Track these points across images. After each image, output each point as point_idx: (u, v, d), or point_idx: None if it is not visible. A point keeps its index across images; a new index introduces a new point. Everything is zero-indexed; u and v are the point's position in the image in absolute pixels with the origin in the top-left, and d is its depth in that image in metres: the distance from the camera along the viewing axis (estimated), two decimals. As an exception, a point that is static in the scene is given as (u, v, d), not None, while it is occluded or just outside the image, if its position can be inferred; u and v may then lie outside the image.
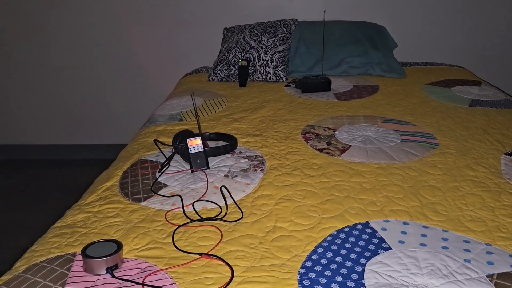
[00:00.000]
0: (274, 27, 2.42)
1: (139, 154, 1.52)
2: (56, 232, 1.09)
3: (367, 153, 1.44)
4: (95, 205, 1.20)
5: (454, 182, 1.25)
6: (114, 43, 2.82)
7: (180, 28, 2.77)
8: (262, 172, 1.34)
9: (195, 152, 1.37)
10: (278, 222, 1.09)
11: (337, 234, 1.03)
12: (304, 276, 0.89)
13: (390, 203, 1.15)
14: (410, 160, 1.39)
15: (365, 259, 0.93)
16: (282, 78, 2.31)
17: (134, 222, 1.11)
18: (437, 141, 1.52)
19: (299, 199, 1.18)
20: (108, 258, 0.90)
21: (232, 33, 2.53)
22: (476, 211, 1.11)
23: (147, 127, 1.80)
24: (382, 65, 2.34)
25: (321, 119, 1.76)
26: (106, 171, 1.46)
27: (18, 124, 3.08)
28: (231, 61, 2.36)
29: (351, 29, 2.47)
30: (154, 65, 2.87)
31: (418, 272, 0.89)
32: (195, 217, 1.12)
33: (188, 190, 1.26)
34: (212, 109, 1.93)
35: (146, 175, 1.36)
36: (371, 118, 1.75)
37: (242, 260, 0.95)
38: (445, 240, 0.99)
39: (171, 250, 0.99)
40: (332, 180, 1.28)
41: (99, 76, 2.92)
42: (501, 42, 2.67)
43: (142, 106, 2.97)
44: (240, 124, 1.74)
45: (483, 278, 0.87)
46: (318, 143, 1.53)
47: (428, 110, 1.83)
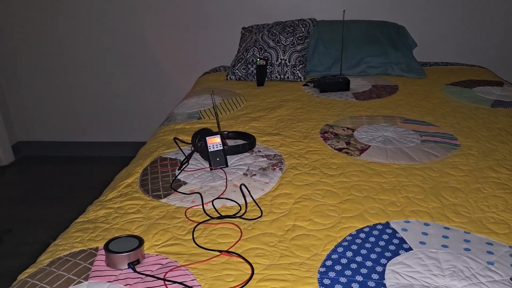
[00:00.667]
0: (293, 27, 2.42)
1: (158, 152, 1.54)
2: (78, 227, 1.11)
3: (386, 153, 1.43)
4: (116, 201, 1.22)
5: (476, 184, 1.23)
6: (135, 43, 2.86)
7: (199, 28, 2.79)
8: (281, 171, 1.34)
9: (214, 150, 1.38)
10: (297, 221, 1.09)
11: (357, 234, 1.02)
12: (324, 275, 0.89)
13: (411, 203, 1.14)
14: (431, 161, 1.37)
15: (386, 259, 0.93)
16: (300, 77, 2.31)
17: (154, 218, 1.12)
18: (458, 142, 1.50)
19: (318, 198, 1.18)
20: (130, 253, 0.92)
21: (250, 32, 2.53)
22: (499, 213, 1.09)
23: (166, 125, 1.82)
24: (402, 65, 2.32)
25: (340, 118, 1.76)
26: (127, 168, 1.48)
27: (41, 121, 3.15)
28: (249, 60, 2.36)
29: (370, 29, 2.45)
30: (173, 64, 2.90)
31: (440, 274, 0.88)
32: (214, 214, 1.12)
33: (207, 188, 1.26)
34: (230, 108, 1.94)
35: (166, 172, 1.38)
36: (390, 118, 1.74)
37: (261, 258, 0.95)
38: (467, 242, 0.98)
39: (191, 247, 1.00)
40: (351, 180, 1.27)
41: (119, 74, 2.96)
42: (524, 42, 2.61)
43: (161, 104, 3.00)
44: (258, 123, 1.75)
45: (507, 281, 0.86)
46: (337, 142, 1.53)
47: (448, 110, 1.81)
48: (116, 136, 3.13)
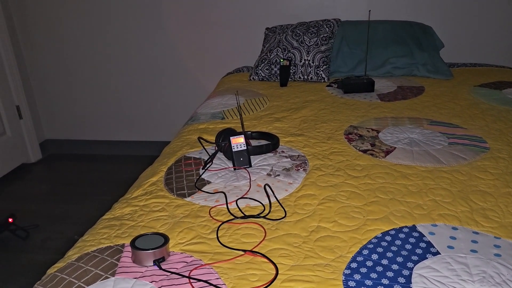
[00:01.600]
0: (317, 27, 2.41)
1: (182, 151, 1.55)
2: (105, 223, 1.13)
3: (412, 155, 1.41)
4: (141, 199, 1.24)
5: (507, 188, 1.20)
6: (160, 42, 2.90)
7: (223, 28, 2.81)
8: (305, 172, 1.33)
9: (238, 150, 1.38)
10: (321, 222, 1.08)
11: (382, 237, 1.01)
12: (349, 277, 0.88)
13: (438, 207, 1.12)
14: (459, 164, 1.34)
15: (412, 263, 0.91)
16: (324, 78, 2.30)
17: (179, 217, 1.13)
18: (488, 145, 1.46)
19: (343, 199, 1.17)
20: (156, 250, 0.93)
21: (274, 33, 2.53)
22: (531, 219, 1.06)
23: (190, 124, 1.83)
24: (428, 66, 2.28)
25: (364, 120, 1.74)
26: (151, 167, 1.50)
27: (67, 120, 3.22)
28: (272, 61, 2.36)
29: (396, 29, 2.42)
30: (197, 64, 2.92)
31: (469, 279, 0.86)
32: (238, 214, 1.13)
33: (231, 188, 1.27)
34: (254, 108, 1.94)
35: (190, 171, 1.39)
36: (416, 120, 1.71)
37: (286, 258, 0.95)
38: (497, 248, 0.95)
39: (215, 246, 1.00)
40: (376, 181, 1.25)
41: (144, 74, 3.00)
42: (557, 43, 2.53)
43: (184, 104, 3.03)
44: (282, 124, 1.74)
45: (539, 289, 0.83)
46: (362, 144, 1.51)
47: (477, 112, 1.77)
48: (140, 135, 3.17)
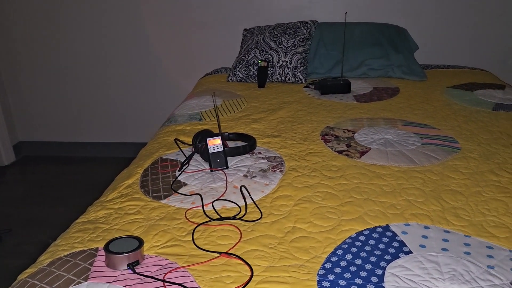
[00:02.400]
0: (294, 29, 2.42)
1: (159, 153, 1.54)
2: (79, 227, 1.11)
3: (387, 155, 1.43)
4: (116, 202, 1.22)
5: (477, 187, 1.23)
6: (136, 44, 2.86)
7: (200, 29, 2.79)
8: (281, 173, 1.34)
9: (214, 151, 1.38)
10: (297, 223, 1.09)
11: (356, 237, 1.02)
12: (324, 277, 0.88)
13: (411, 206, 1.14)
14: (431, 164, 1.37)
15: (385, 263, 0.93)
16: (301, 79, 2.31)
17: (154, 219, 1.12)
18: (459, 145, 1.50)
19: (318, 200, 1.18)
20: (130, 254, 0.92)
21: (252, 34, 2.54)
22: (500, 217, 1.09)
23: (167, 126, 1.82)
24: (403, 67, 2.32)
25: (341, 121, 1.76)
26: (127, 169, 1.48)
27: (42, 121, 3.15)
28: (250, 62, 2.37)
29: (372, 31, 2.45)
30: (174, 65, 2.90)
31: (440, 277, 0.88)
32: (214, 216, 1.12)
33: (207, 189, 1.26)
34: (231, 109, 1.94)
35: (166, 173, 1.38)
36: (391, 121, 1.74)
37: (261, 259, 0.95)
38: (467, 246, 0.98)
39: (191, 248, 1.00)
40: (351, 182, 1.27)
41: (120, 75, 2.96)
42: (526, 46, 2.61)
43: (162, 105, 3.00)
44: (259, 125, 1.75)
45: (507, 285, 0.85)
46: (338, 145, 1.53)
47: (450, 113, 1.81)
48: (117, 137, 3.13)
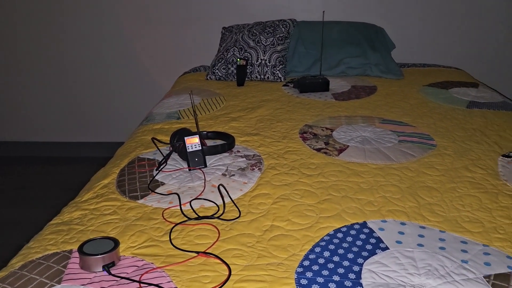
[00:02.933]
0: (273, 27, 2.42)
1: (136, 152, 1.52)
2: (52, 229, 1.08)
3: (364, 153, 1.44)
4: (92, 203, 1.20)
5: (452, 183, 1.25)
6: (113, 41, 2.81)
7: (179, 27, 2.77)
8: (260, 171, 1.34)
9: (192, 150, 1.37)
10: (275, 221, 1.08)
11: (334, 234, 1.03)
12: (302, 275, 0.89)
13: (388, 203, 1.15)
14: (408, 161, 1.39)
15: (363, 259, 0.93)
16: (280, 78, 2.31)
17: (131, 220, 1.10)
18: (435, 142, 1.52)
19: (297, 198, 1.18)
20: (105, 255, 0.90)
21: (231, 32, 2.52)
22: (474, 212, 1.11)
23: (145, 125, 1.80)
24: (380, 66, 2.35)
25: (319, 119, 1.76)
26: (103, 169, 1.45)
27: (16, 121, 3.07)
28: (229, 60, 2.36)
29: (350, 30, 2.47)
30: (152, 63, 2.87)
31: (416, 272, 0.89)
32: (192, 215, 1.11)
33: (185, 189, 1.25)
34: (210, 108, 1.93)
35: (144, 173, 1.36)
36: (368, 119, 1.75)
37: (239, 258, 0.94)
38: (442, 241, 0.99)
39: (168, 248, 0.98)
40: (329, 180, 1.28)
41: (96, 74, 2.91)
42: (498, 44, 2.67)
43: (140, 104, 2.96)
44: (238, 123, 1.74)
45: (480, 279, 0.87)
46: (316, 143, 1.53)
47: (425, 111, 1.84)
48: (93, 136, 3.07)
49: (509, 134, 1.58)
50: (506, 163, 1.36)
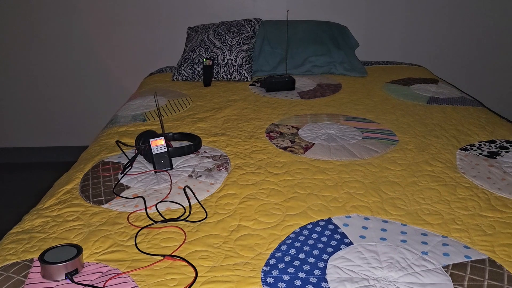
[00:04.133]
0: (238, 27, 2.42)
1: (100, 156, 1.49)
2: (12, 238, 1.05)
3: (329, 150, 1.47)
4: (54, 209, 1.17)
5: (413, 177, 1.29)
6: (76, 42, 2.75)
7: (144, 27, 2.73)
8: (227, 172, 1.34)
9: (158, 152, 1.35)
10: (242, 221, 1.09)
11: (300, 231, 1.04)
12: (268, 273, 0.89)
13: (352, 199, 1.18)
14: (371, 157, 1.42)
15: (328, 255, 0.95)
16: (247, 77, 2.32)
17: (95, 225, 1.08)
18: (397, 138, 1.57)
19: (263, 197, 1.19)
20: (67, 263, 0.88)
21: (196, 32, 2.51)
22: (433, 205, 1.15)
23: (110, 128, 1.76)
24: (345, 64, 2.39)
25: (285, 117, 1.78)
26: (67, 174, 1.42)
27: (-27, 126, 2.95)
28: (195, 61, 2.34)
29: (314, 29, 2.51)
30: (118, 64, 2.81)
31: (378, 266, 0.91)
32: (158, 218, 1.10)
33: (151, 191, 1.24)
34: (176, 109, 1.91)
35: (108, 177, 1.33)
36: (334, 116, 1.78)
37: (206, 260, 0.94)
38: (404, 234, 1.02)
39: (133, 253, 0.97)
40: (295, 178, 1.29)
41: (59, 76, 2.83)
42: (457, 42, 2.77)
43: (105, 106, 2.90)
44: (205, 124, 1.73)
45: (439, 269, 0.90)
46: (282, 141, 1.55)
47: (388, 107, 1.88)
48: (57, 140, 2.98)
49: (466, 128, 1.64)
50: (463, 156, 1.42)
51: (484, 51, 2.78)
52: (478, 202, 1.16)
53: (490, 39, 2.75)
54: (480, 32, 2.74)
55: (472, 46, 2.78)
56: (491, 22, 2.71)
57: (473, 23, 2.72)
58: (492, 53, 2.79)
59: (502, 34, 2.74)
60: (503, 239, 1.00)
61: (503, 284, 0.86)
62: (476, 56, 2.80)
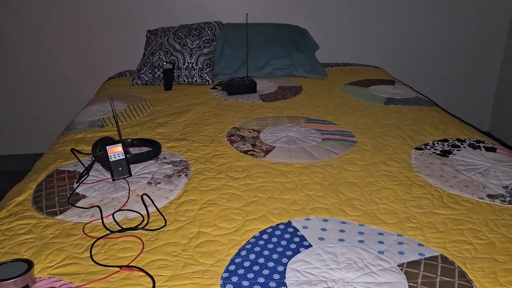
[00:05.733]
0: (199, 30, 2.40)
1: (55, 165, 1.44)
2: (-42, 255, 1.00)
3: (290, 153, 1.48)
4: (4, 222, 1.12)
5: (370, 178, 1.32)
6: (30, 45, 2.64)
7: (102, 30, 2.66)
8: (187, 177, 1.32)
9: (115, 159, 1.32)
10: (202, 227, 1.08)
11: (260, 236, 1.04)
12: (227, 280, 0.89)
13: (311, 201, 1.19)
14: (330, 158, 1.44)
15: (287, 259, 0.96)
16: (208, 80, 2.30)
17: (48, 237, 1.04)
18: (355, 139, 1.60)
19: (223, 202, 1.19)
20: (17, 279, 0.84)
21: (156, 35, 2.47)
22: (390, 204, 1.18)
23: (66, 135, 1.71)
24: (305, 66, 2.42)
25: (247, 121, 1.78)
26: (19, 184, 1.36)
27: None
28: (155, 64, 2.31)
29: (275, 31, 2.52)
30: (75, 69, 2.73)
31: (336, 267, 0.93)
32: (115, 228, 1.08)
33: (108, 200, 1.21)
34: (136, 114, 1.88)
35: (63, 186, 1.29)
36: (294, 119, 1.80)
37: (164, 269, 0.93)
38: (361, 234, 1.04)
39: (88, 265, 0.94)
40: (256, 181, 1.29)
41: (13, 81, 2.71)
42: (413, 44, 2.86)
43: (61, 112, 2.81)
44: (165, 129, 1.71)
45: (394, 268, 0.93)
46: (243, 145, 1.54)
47: (347, 109, 1.92)
48: (10, 148, 2.86)
49: (421, 128, 1.70)
50: (418, 155, 1.46)
51: (438, 51, 2.89)
52: (432, 200, 1.19)
53: (442, 39, 2.86)
54: (432, 33, 2.84)
55: (426, 46, 2.87)
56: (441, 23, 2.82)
57: (425, 24, 2.82)
58: (444, 53, 2.90)
59: (452, 34, 2.85)
60: (454, 236, 1.04)
61: (454, 279, 0.89)
62: (430, 56, 2.90)
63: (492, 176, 1.32)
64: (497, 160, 1.42)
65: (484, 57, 2.93)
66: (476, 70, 2.96)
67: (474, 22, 2.83)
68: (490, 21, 2.84)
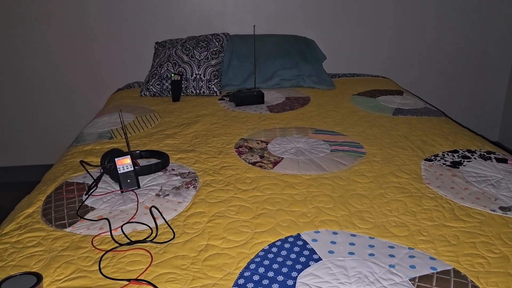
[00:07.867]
0: (206, 41, 2.42)
1: (64, 176, 1.44)
2: (-33, 267, 1.00)
3: (298, 164, 1.47)
4: (13, 235, 1.12)
5: (380, 189, 1.31)
6: (40, 58, 2.67)
7: (111, 43, 2.69)
8: (195, 189, 1.32)
9: (124, 171, 1.32)
10: (210, 240, 1.07)
11: (269, 249, 1.03)
12: (236, 294, 0.88)
13: (321, 213, 1.18)
14: (339, 170, 1.43)
15: (297, 272, 0.95)
16: (216, 92, 2.31)
17: (57, 250, 1.04)
18: (364, 150, 1.59)
19: (232, 215, 1.18)
20: (26, 293, 0.84)
21: (164, 47, 2.49)
22: (400, 217, 1.16)
23: (75, 146, 1.72)
24: (313, 77, 2.42)
25: (254, 132, 1.78)
26: (28, 196, 1.37)
27: None
28: (163, 76, 2.32)
29: (282, 42, 2.53)
30: (84, 81, 2.75)
31: (347, 281, 0.92)
32: (124, 240, 1.07)
33: (117, 212, 1.21)
34: (144, 126, 1.89)
35: (72, 198, 1.29)
36: (302, 130, 1.79)
37: (173, 283, 0.92)
38: (371, 247, 1.03)
39: (97, 278, 0.94)
40: (264, 193, 1.29)
41: (24, 93, 2.74)
42: (421, 54, 2.85)
43: (71, 124, 2.83)
44: (173, 140, 1.71)
45: (406, 282, 0.91)
46: (251, 156, 1.54)
47: (356, 119, 1.91)
48: (20, 159, 2.88)
49: (430, 138, 1.68)
50: (428, 166, 1.45)
51: (446, 60, 2.88)
52: (443, 212, 1.18)
53: (450, 49, 2.85)
54: (441, 43, 2.83)
55: (435, 57, 2.86)
56: (450, 33, 2.81)
57: (433, 34, 2.81)
58: (453, 63, 2.89)
59: (460, 45, 2.84)
60: (467, 249, 1.02)
61: (467, 294, 0.87)
62: (438, 66, 2.89)
63: (504, 188, 1.30)
64: (509, 171, 1.40)
65: (493, 66, 2.91)
66: (485, 80, 2.95)
67: (483, 32, 2.82)
68: (499, 31, 2.83)
